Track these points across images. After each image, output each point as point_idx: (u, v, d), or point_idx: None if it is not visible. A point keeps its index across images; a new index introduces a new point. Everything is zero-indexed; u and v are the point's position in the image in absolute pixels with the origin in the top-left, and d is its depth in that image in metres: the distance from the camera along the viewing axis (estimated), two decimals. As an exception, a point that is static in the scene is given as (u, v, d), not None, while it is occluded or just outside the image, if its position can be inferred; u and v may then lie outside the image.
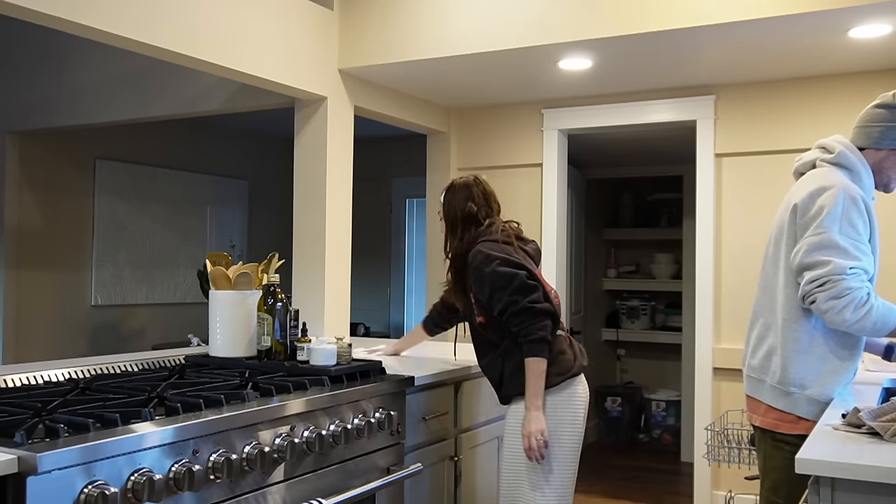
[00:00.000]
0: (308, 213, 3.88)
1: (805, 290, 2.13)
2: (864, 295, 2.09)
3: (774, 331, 2.28)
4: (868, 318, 2.09)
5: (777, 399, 2.25)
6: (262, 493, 2.02)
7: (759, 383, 2.32)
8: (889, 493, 1.51)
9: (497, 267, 2.54)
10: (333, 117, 3.87)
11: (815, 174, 2.29)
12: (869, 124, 2.32)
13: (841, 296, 2.06)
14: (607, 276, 6.83)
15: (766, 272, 2.35)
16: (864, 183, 2.27)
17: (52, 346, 5.14)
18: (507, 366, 2.61)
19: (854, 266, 2.10)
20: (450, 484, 2.93)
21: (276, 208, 6.72)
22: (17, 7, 2.56)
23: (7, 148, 4.97)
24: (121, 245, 5.55)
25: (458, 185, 2.76)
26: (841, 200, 2.15)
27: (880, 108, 2.32)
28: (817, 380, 2.20)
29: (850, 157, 2.28)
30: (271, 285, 2.76)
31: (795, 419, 2.21)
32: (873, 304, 2.10)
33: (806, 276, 2.14)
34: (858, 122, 2.36)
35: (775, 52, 3.55)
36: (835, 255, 2.10)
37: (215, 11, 3.20)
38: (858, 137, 2.34)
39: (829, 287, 2.08)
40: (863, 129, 2.34)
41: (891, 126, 2.28)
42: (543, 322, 2.51)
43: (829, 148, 2.34)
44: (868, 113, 2.35)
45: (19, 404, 1.94)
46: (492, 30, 3.55)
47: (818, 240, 2.13)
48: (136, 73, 4.42)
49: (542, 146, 4.62)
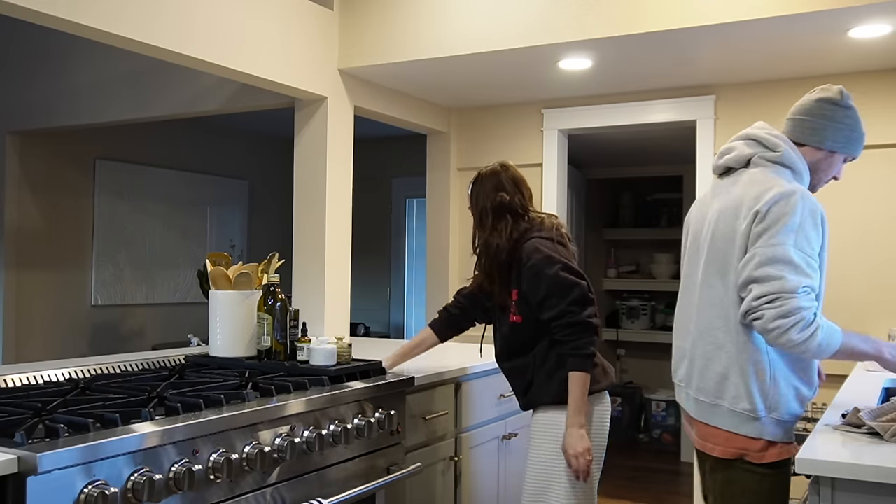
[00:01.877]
0: (308, 213, 3.88)
1: (751, 306, 1.95)
2: (812, 315, 1.92)
3: (728, 351, 2.07)
4: (813, 339, 1.91)
5: (741, 425, 2.06)
6: (262, 493, 2.02)
7: (713, 408, 2.11)
8: (889, 493, 1.51)
9: (560, 272, 2.44)
10: (333, 117, 3.87)
11: (766, 177, 2.09)
12: (812, 119, 2.16)
13: (789, 315, 1.89)
14: (607, 276, 6.83)
15: (712, 286, 2.11)
16: (802, 181, 2.13)
17: (52, 346, 5.14)
18: (540, 373, 2.52)
19: (806, 285, 1.93)
20: (450, 484, 2.92)
21: (277, 208, 6.72)
22: (17, 7, 2.56)
23: (7, 148, 4.97)
24: (121, 245, 5.55)
25: (484, 175, 2.66)
26: (800, 211, 1.98)
27: (826, 103, 2.16)
28: (782, 400, 2.04)
29: (794, 157, 2.13)
30: (271, 285, 2.76)
31: (765, 444, 2.04)
32: (819, 325, 1.93)
33: (753, 290, 1.95)
34: (798, 113, 2.20)
35: (775, 52, 3.55)
36: (787, 270, 1.93)
37: (215, 11, 3.20)
38: (798, 132, 2.18)
39: (779, 304, 1.90)
40: (804, 123, 2.17)
41: (837, 127, 2.14)
42: (594, 338, 2.44)
43: (768, 144, 2.15)
44: (812, 106, 2.18)
45: (19, 404, 1.94)
46: (492, 30, 3.55)
47: (771, 252, 1.95)
48: (136, 73, 4.42)
49: (542, 146, 4.62)
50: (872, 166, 3.89)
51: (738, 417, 2.05)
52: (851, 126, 2.15)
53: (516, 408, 3.31)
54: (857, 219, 3.90)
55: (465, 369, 2.98)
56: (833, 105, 2.15)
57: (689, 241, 2.30)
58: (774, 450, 2.04)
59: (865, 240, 3.85)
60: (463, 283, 2.99)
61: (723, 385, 2.08)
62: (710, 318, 2.11)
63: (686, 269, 2.28)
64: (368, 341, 3.94)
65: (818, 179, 2.20)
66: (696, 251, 2.23)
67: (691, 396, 2.17)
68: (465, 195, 2.73)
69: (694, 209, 2.35)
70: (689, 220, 2.36)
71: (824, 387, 3.12)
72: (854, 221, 3.91)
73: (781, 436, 2.05)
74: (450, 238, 4.74)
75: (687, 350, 2.20)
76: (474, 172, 2.81)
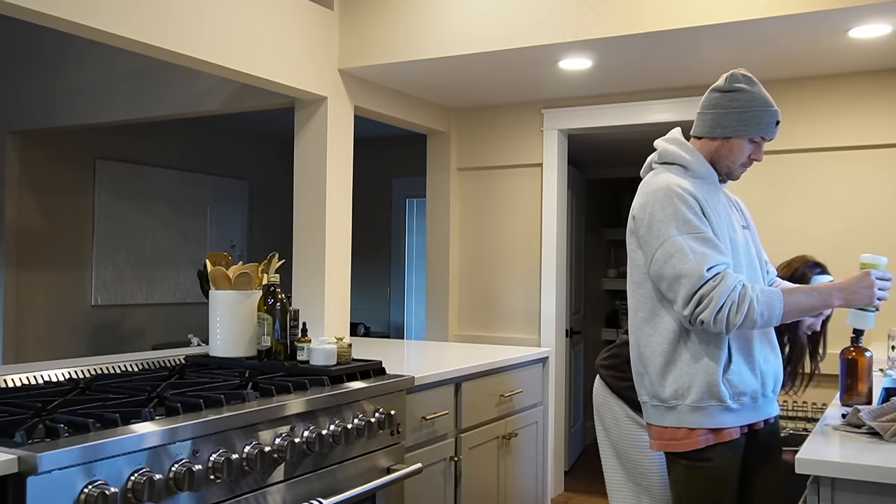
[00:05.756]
0: (308, 213, 3.88)
1: (689, 316, 1.97)
2: (738, 294, 1.94)
3: (634, 346, 2.18)
4: (752, 312, 1.94)
5: (663, 416, 2.10)
6: (262, 493, 2.02)
7: (641, 406, 2.21)
8: (889, 493, 1.51)
9: None
10: (333, 117, 3.87)
11: (646, 181, 2.18)
12: (703, 111, 2.19)
13: (720, 306, 1.92)
14: (607, 275, 6.83)
15: (631, 293, 2.21)
16: (698, 175, 2.15)
17: (52, 346, 5.14)
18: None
19: (710, 265, 1.96)
20: (450, 484, 2.92)
21: (277, 208, 6.72)
22: (17, 7, 2.56)
23: (7, 148, 4.97)
24: (121, 245, 5.55)
25: None
26: (665, 202, 2.04)
27: (713, 92, 2.18)
28: (693, 385, 2.04)
29: (677, 153, 2.17)
30: (271, 285, 2.76)
31: (686, 432, 2.05)
32: (752, 297, 1.95)
33: (677, 300, 1.99)
34: (698, 108, 2.23)
35: (775, 52, 3.55)
36: (681, 261, 1.97)
37: (215, 12, 3.20)
38: (696, 126, 2.21)
39: (707, 302, 1.94)
40: (699, 117, 2.21)
41: (724, 113, 2.14)
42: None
43: (657, 147, 2.24)
44: (705, 97, 2.21)
45: (19, 404, 1.94)
46: (492, 30, 3.55)
47: (662, 251, 2.01)
48: (136, 73, 4.42)
49: (542, 146, 4.62)
50: (873, 166, 3.89)
51: (659, 409, 2.11)
52: (741, 108, 2.12)
53: (516, 408, 3.31)
54: (857, 219, 3.90)
55: (465, 369, 2.98)
56: (718, 93, 2.17)
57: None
58: (697, 437, 2.05)
59: (865, 240, 3.85)
60: (463, 283, 2.98)
61: (640, 380, 2.18)
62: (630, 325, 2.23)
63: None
64: (368, 341, 3.93)
65: (727, 168, 2.18)
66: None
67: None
68: (465, 195, 2.72)
69: None
70: None
71: (824, 387, 3.12)
72: (854, 221, 3.91)
73: (702, 421, 2.04)
74: (450, 238, 4.74)
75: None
76: (474, 172, 2.80)
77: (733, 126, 2.13)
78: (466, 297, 4.81)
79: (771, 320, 1.99)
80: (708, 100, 2.19)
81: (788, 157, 4.05)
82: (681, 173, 2.14)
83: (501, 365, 3.19)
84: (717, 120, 2.15)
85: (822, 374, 2.58)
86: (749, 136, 2.14)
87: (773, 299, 1.98)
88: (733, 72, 2.18)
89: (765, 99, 2.14)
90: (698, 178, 2.15)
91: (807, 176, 4.02)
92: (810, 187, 4.01)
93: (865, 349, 2.20)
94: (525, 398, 3.38)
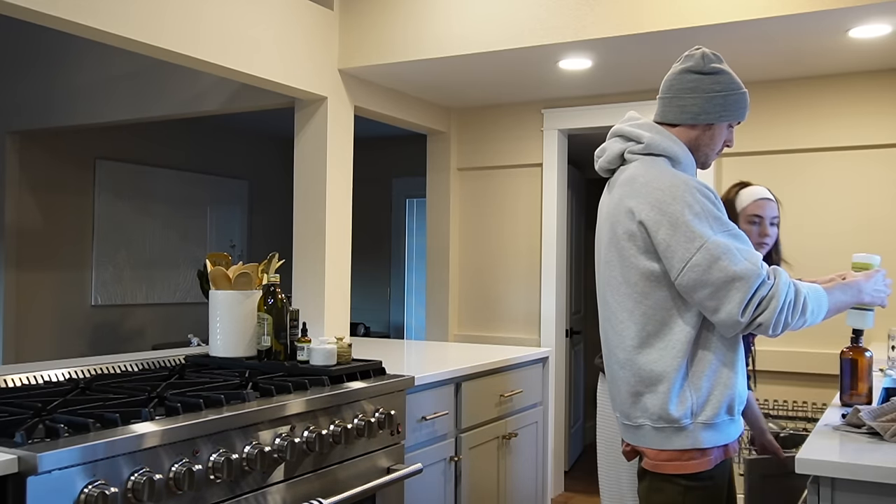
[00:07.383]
0: (308, 213, 3.88)
1: (746, 321, 1.79)
2: (794, 292, 1.81)
3: (630, 366, 1.91)
4: (806, 310, 1.82)
5: (668, 439, 1.88)
6: (262, 493, 2.02)
7: (635, 429, 1.95)
8: (889, 493, 1.51)
9: None
10: (333, 117, 3.87)
11: (635, 176, 1.92)
12: (679, 96, 1.96)
13: (781, 306, 1.77)
14: (607, 276, 6.82)
15: (607, 302, 1.98)
16: (684, 166, 1.95)
17: (52, 346, 5.14)
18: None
19: (761, 263, 1.80)
20: (450, 484, 2.92)
21: (277, 208, 6.72)
22: (17, 7, 2.55)
23: (7, 148, 4.97)
24: (121, 245, 5.56)
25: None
26: (690, 199, 1.82)
27: (690, 73, 1.97)
28: (710, 399, 1.87)
29: (664, 143, 1.94)
30: (271, 285, 2.76)
31: (698, 452, 1.87)
32: (805, 294, 1.82)
33: (726, 306, 1.78)
34: (664, 91, 2.00)
35: (775, 52, 3.55)
36: (732, 263, 1.77)
37: (215, 12, 3.20)
38: (668, 113, 1.99)
39: (767, 303, 1.78)
40: (672, 102, 1.98)
41: (707, 97, 1.95)
42: None
43: (633, 136, 1.98)
44: (675, 81, 1.99)
45: (19, 404, 1.94)
46: (492, 30, 3.55)
47: (704, 254, 1.78)
48: (135, 72, 4.42)
49: (542, 146, 4.62)
50: (873, 166, 3.89)
51: (663, 432, 1.93)
52: (723, 91, 1.96)
53: (516, 408, 3.31)
54: (857, 219, 3.90)
55: (465, 369, 2.98)
56: (697, 74, 1.96)
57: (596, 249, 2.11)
58: (709, 456, 1.89)
59: (865, 240, 3.85)
60: (463, 283, 2.98)
61: (637, 401, 1.95)
62: (607, 336, 2.02)
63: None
64: (368, 341, 3.93)
65: (705, 155, 2.01)
66: (597, 264, 2.08)
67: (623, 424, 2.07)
68: (465, 195, 2.72)
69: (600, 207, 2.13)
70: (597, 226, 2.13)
71: (824, 387, 3.13)
72: (854, 221, 3.91)
73: (715, 439, 1.89)
74: (450, 238, 4.74)
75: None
76: (474, 172, 2.80)
77: (717, 111, 1.96)
78: (466, 296, 4.81)
79: (818, 317, 1.87)
80: (682, 82, 1.97)
81: (788, 157, 4.05)
82: (667, 165, 1.92)
83: (501, 365, 3.19)
84: (701, 105, 1.94)
85: (822, 374, 2.57)
86: (729, 121, 1.99)
87: (820, 295, 1.87)
88: (703, 51, 1.98)
89: (739, 80, 2.01)
90: (684, 170, 1.95)
91: (807, 176, 4.02)
92: (810, 187, 4.01)
93: (865, 349, 2.20)
94: (525, 398, 3.38)
